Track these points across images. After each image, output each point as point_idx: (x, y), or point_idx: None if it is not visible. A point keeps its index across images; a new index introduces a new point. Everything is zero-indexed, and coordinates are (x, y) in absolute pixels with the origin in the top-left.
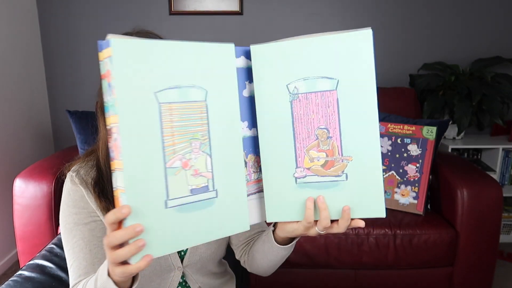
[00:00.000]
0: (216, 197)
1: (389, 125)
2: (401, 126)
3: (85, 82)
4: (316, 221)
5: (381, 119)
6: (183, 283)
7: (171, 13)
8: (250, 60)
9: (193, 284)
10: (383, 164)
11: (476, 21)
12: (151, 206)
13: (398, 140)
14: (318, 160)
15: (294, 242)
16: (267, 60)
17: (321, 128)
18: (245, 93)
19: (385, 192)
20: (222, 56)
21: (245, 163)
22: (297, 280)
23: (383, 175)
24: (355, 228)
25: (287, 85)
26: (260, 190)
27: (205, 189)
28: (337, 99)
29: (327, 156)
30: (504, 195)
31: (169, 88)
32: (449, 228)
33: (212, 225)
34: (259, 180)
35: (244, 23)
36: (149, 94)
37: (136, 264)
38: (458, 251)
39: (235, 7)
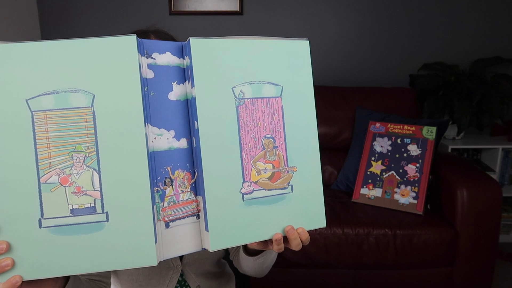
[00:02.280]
0: (106, 221)
1: (389, 125)
2: (401, 126)
3: None
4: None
5: (381, 119)
6: (182, 282)
7: (171, 13)
8: (180, 57)
9: (192, 283)
10: (383, 164)
11: (476, 21)
12: (22, 223)
13: (398, 140)
14: (265, 172)
15: (265, 252)
16: (211, 57)
17: (267, 137)
18: (172, 96)
19: (385, 192)
20: (117, 53)
21: (171, 181)
22: (297, 280)
23: (386, 174)
24: (355, 228)
25: (232, 88)
26: (193, 214)
27: (91, 210)
28: (282, 106)
29: (273, 167)
30: (504, 195)
31: (44, 94)
32: (449, 228)
33: (102, 253)
34: (190, 202)
35: (244, 23)
36: (20, 101)
37: (1, 285)
38: (458, 251)
39: (235, 7)
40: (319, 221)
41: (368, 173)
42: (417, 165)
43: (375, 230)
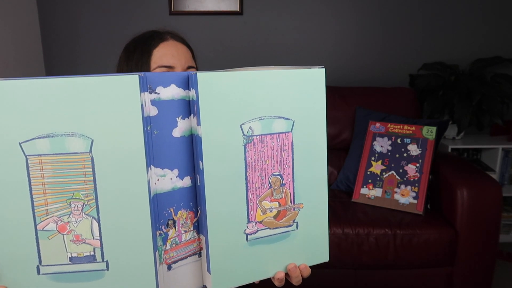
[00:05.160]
0: (107, 269)
1: (389, 125)
2: (401, 126)
3: None
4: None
5: (381, 119)
6: None
7: (171, 13)
8: (185, 88)
9: None
10: (383, 164)
11: (476, 21)
12: (20, 270)
13: (398, 140)
14: (271, 211)
15: None
16: (218, 92)
17: (275, 175)
18: (176, 133)
19: (385, 192)
20: (118, 94)
21: (174, 222)
22: None
23: (386, 174)
24: (355, 228)
25: (241, 125)
26: (195, 252)
27: (91, 259)
28: (292, 141)
29: (280, 205)
30: (504, 195)
31: (39, 137)
32: (449, 228)
33: None
34: (192, 241)
35: (244, 23)
36: (13, 144)
37: None
38: (458, 251)
39: (235, 7)
40: (322, 256)
41: (368, 173)
42: (417, 165)
43: (375, 230)
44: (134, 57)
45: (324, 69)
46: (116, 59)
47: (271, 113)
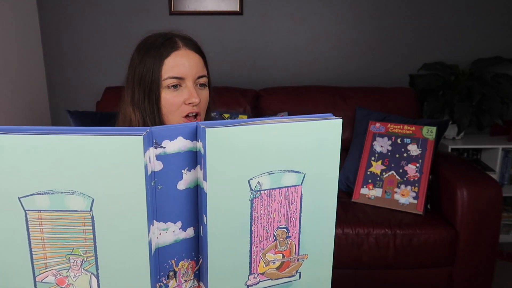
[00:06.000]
0: None
1: (389, 125)
2: (401, 126)
3: (85, 82)
4: None
5: (381, 119)
6: None
7: (171, 13)
8: (192, 140)
9: None
10: (383, 164)
11: (476, 21)
12: None
13: (398, 140)
14: (274, 263)
15: None
16: (227, 147)
17: (281, 228)
18: (181, 186)
19: (385, 192)
20: (121, 154)
21: (175, 273)
22: None
23: (386, 174)
24: (355, 228)
25: (249, 181)
26: None
27: None
28: (301, 194)
29: (283, 257)
30: (504, 195)
31: (38, 193)
32: (449, 228)
33: None
34: None
35: (244, 23)
36: (12, 198)
37: None
38: (458, 251)
39: (235, 7)
40: None
41: (368, 173)
42: (417, 165)
43: (375, 230)
44: (146, 62)
45: (341, 120)
46: (116, 59)
47: (281, 167)
